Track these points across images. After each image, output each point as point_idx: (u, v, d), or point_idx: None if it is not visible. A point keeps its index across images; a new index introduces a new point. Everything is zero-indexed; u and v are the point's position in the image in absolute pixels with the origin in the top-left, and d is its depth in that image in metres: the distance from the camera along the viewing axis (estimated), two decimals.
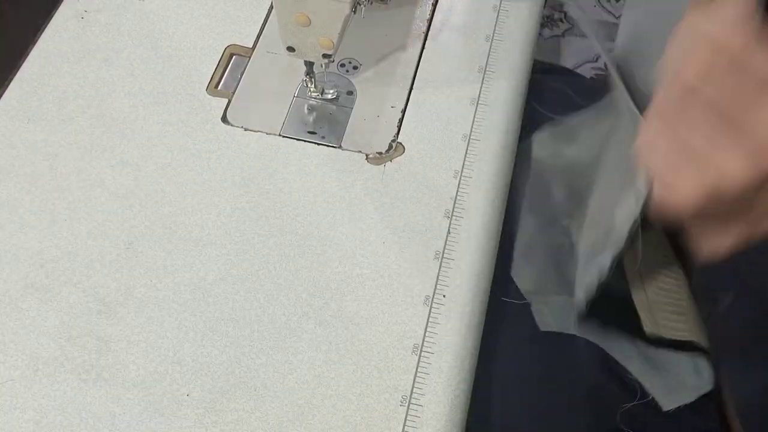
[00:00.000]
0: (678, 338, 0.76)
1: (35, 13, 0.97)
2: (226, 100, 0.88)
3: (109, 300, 0.74)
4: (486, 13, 0.96)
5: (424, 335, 0.73)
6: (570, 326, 0.80)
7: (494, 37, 0.92)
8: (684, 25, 0.42)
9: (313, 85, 0.88)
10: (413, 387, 0.70)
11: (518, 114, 0.90)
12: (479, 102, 0.88)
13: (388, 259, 0.77)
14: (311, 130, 0.87)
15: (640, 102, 0.75)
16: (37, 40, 0.91)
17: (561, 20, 1.97)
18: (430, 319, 0.74)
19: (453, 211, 0.80)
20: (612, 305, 0.78)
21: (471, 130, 0.86)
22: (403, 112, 0.88)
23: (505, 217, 0.83)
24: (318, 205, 0.81)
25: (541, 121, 0.95)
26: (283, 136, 0.86)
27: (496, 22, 0.96)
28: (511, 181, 0.85)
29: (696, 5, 0.43)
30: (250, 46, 0.93)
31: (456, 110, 0.88)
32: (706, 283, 0.72)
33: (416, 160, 0.84)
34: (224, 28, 0.94)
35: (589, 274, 0.76)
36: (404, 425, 0.69)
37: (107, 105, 0.87)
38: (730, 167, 0.39)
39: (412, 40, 0.95)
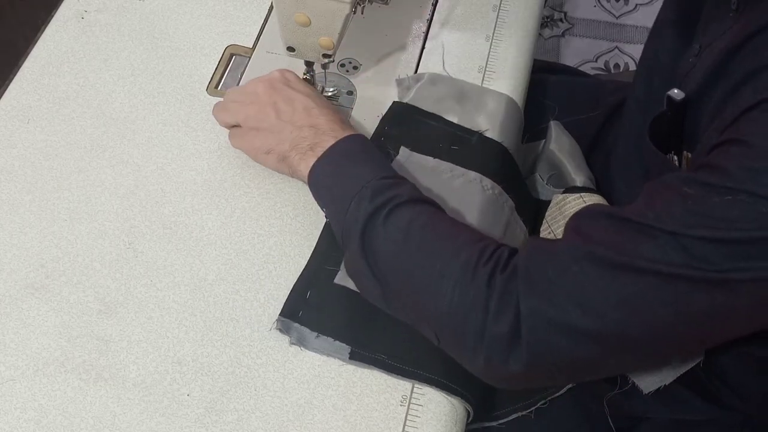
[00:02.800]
0: None
1: (35, 13, 0.97)
2: None
3: (109, 300, 0.74)
4: (486, 13, 0.96)
5: None
6: None
7: (494, 37, 0.92)
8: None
9: (313, 85, 0.88)
10: (413, 387, 0.70)
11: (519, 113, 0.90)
12: None
13: None
14: None
15: None
16: (37, 40, 0.91)
17: (561, 20, 1.97)
18: None
19: None
20: None
21: None
22: None
23: None
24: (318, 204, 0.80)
25: (544, 120, 0.96)
26: None
27: (496, 22, 0.96)
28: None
29: None
30: (250, 46, 0.93)
31: None
32: None
33: None
34: (224, 28, 0.94)
35: None
36: (404, 425, 0.68)
37: (107, 105, 0.87)
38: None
39: (412, 40, 0.95)
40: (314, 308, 0.73)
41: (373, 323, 0.72)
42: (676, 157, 0.71)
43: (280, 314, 0.73)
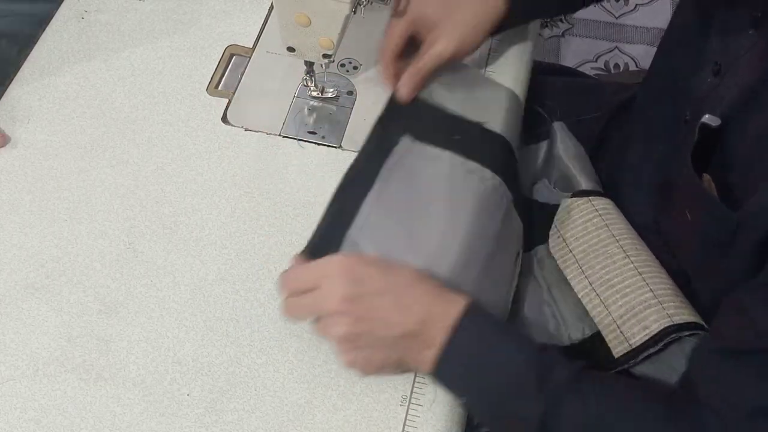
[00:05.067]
0: (649, 336, 0.75)
1: (35, 13, 0.97)
2: (226, 100, 0.88)
3: (109, 300, 0.74)
4: None
5: None
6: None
7: (493, 38, 0.92)
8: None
9: (313, 85, 0.88)
10: (413, 387, 0.70)
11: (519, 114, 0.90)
12: None
13: None
14: (311, 130, 0.87)
15: None
16: (37, 40, 0.91)
17: (561, 20, 1.97)
18: None
19: None
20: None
21: None
22: None
23: None
24: (318, 205, 0.80)
25: (545, 123, 0.95)
26: (284, 136, 0.86)
27: None
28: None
29: None
30: (250, 46, 0.93)
31: None
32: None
33: None
34: (224, 28, 0.94)
35: None
36: (404, 425, 0.69)
37: (107, 105, 0.87)
38: None
39: None
40: None
41: None
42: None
43: None
